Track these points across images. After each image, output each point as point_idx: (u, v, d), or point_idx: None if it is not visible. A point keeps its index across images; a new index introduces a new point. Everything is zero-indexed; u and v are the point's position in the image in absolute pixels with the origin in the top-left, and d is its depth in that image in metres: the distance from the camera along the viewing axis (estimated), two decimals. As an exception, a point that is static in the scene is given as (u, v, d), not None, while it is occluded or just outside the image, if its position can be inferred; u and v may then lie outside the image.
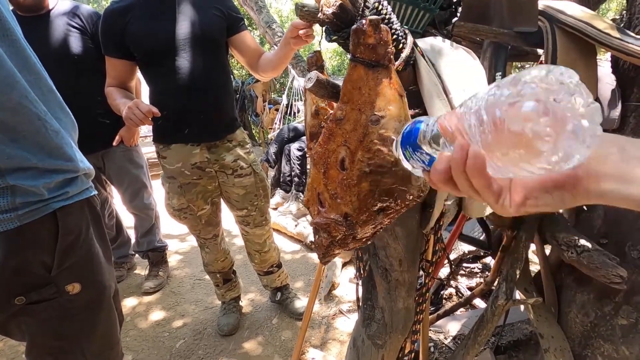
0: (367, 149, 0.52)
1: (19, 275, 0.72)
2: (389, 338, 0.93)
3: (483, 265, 2.11)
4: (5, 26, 0.68)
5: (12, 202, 0.69)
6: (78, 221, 0.79)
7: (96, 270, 0.83)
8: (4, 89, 0.66)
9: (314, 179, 0.59)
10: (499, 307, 1.14)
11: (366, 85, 0.50)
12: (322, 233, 0.59)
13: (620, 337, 1.00)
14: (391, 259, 0.83)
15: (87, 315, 0.83)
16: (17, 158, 0.68)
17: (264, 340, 1.83)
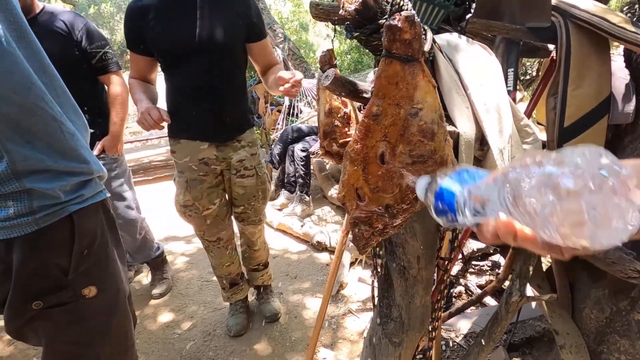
0: (408, 142, 0.53)
1: (36, 280, 0.71)
2: (406, 336, 0.93)
3: (492, 263, 2.11)
4: (22, 28, 0.68)
5: (30, 205, 0.68)
6: (93, 224, 0.79)
7: (111, 273, 0.83)
8: (20, 90, 0.65)
9: (350, 176, 0.59)
10: (512, 304, 1.14)
11: (403, 80, 0.50)
12: (362, 226, 0.60)
13: (636, 332, 1.00)
14: (409, 256, 0.82)
15: (103, 319, 0.82)
16: (33, 160, 0.68)
17: (274, 341, 1.83)
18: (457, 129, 0.67)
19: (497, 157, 0.72)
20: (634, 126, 1.00)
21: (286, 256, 2.71)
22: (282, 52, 5.47)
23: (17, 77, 0.65)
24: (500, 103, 0.77)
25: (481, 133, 0.73)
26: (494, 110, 0.74)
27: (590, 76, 0.93)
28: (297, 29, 12.48)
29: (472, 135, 0.68)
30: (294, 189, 3.52)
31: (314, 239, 2.77)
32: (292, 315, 2.02)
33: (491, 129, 0.72)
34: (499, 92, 0.77)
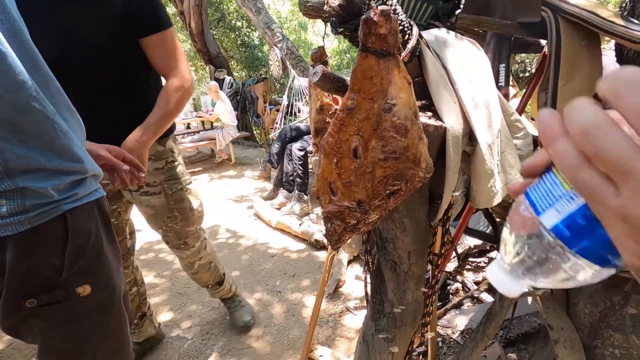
0: (381, 137, 0.53)
1: (30, 278, 0.71)
2: (399, 331, 0.93)
3: (489, 260, 2.11)
4: (15, 27, 0.67)
5: (23, 204, 0.68)
6: (88, 223, 0.78)
7: (106, 272, 0.83)
8: (12, 88, 0.65)
9: (324, 169, 0.59)
10: (506, 299, 1.14)
11: (378, 75, 0.50)
12: (335, 221, 0.60)
13: (630, 326, 1.00)
14: (400, 252, 0.83)
15: (98, 318, 0.82)
16: (25, 158, 0.68)
17: (272, 339, 1.83)
18: (445, 123, 0.67)
19: (485, 151, 0.73)
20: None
21: (285, 255, 2.72)
22: (281, 52, 5.47)
23: (8, 75, 0.64)
24: (489, 98, 0.77)
25: (469, 128, 0.73)
26: (483, 105, 0.75)
27: (581, 71, 0.93)
28: (296, 28, 12.48)
29: (460, 130, 0.68)
30: (292, 188, 3.53)
31: (312, 238, 2.77)
32: (290, 313, 2.03)
33: (479, 123, 0.73)
34: (487, 88, 0.77)
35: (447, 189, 0.72)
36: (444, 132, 0.67)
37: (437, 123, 0.67)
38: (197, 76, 12.04)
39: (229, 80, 7.14)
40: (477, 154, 0.73)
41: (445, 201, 0.75)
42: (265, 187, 4.22)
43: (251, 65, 10.09)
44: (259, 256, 2.73)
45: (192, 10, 7.13)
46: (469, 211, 1.24)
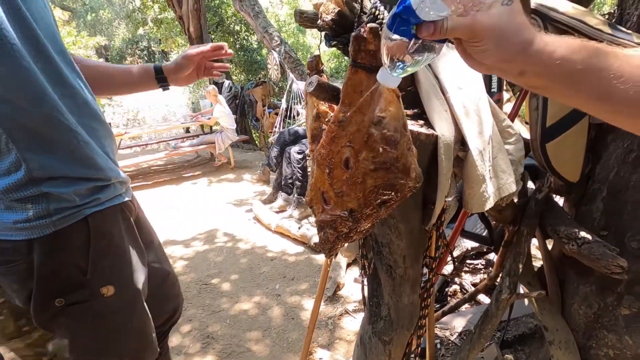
0: (371, 148, 0.55)
1: (56, 278, 0.75)
2: (395, 334, 0.95)
3: (486, 262, 2.12)
4: (40, 46, 0.71)
5: (47, 208, 0.72)
6: (110, 226, 0.82)
7: (129, 274, 0.86)
8: (35, 101, 0.69)
9: (317, 179, 0.61)
10: (502, 301, 1.16)
11: (367, 89, 0.52)
12: (327, 229, 0.62)
13: (623, 327, 1.01)
14: (395, 256, 0.84)
15: (122, 317, 0.86)
16: (49, 168, 0.72)
17: (271, 342, 1.85)
18: (436, 131, 0.69)
19: (476, 158, 0.75)
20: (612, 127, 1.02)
21: (284, 258, 2.73)
22: (279, 56, 5.50)
23: (31, 89, 0.68)
24: (480, 105, 0.79)
25: (461, 135, 0.75)
26: (474, 112, 0.77)
27: (571, 77, 0.95)
28: (294, 31, 12.53)
29: (451, 138, 0.70)
30: (291, 191, 3.54)
31: (311, 241, 2.79)
32: (290, 316, 2.04)
33: (470, 130, 0.75)
34: (478, 95, 0.79)
35: (439, 194, 0.74)
36: (435, 139, 0.69)
37: (429, 131, 0.69)
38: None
39: (228, 84, 7.17)
40: (469, 160, 0.75)
41: (439, 206, 0.77)
42: (264, 191, 4.24)
43: (250, 69, 10.13)
44: (258, 259, 2.74)
45: (191, 15, 7.17)
46: (464, 215, 1.26)
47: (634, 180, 0.98)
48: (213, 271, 2.60)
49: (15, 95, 0.67)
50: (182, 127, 7.14)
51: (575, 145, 1.04)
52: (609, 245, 0.98)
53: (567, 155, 1.05)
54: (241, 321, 2.03)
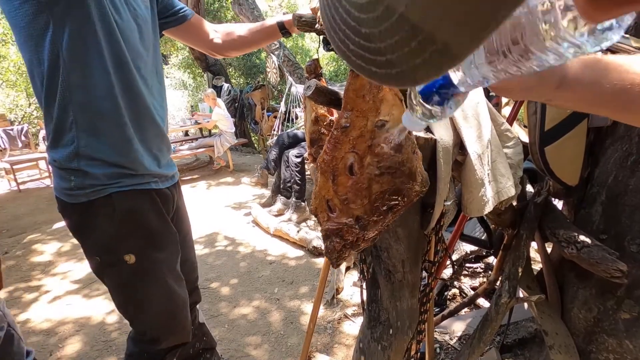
0: (375, 153, 0.54)
1: (91, 238, 0.97)
2: (395, 339, 0.94)
3: (485, 265, 2.12)
4: (122, 59, 0.92)
5: (83, 183, 0.92)
6: (132, 205, 0.98)
7: (150, 247, 1.02)
8: (102, 98, 0.91)
9: (321, 187, 0.60)
10: (502, 305, 1.15)
11: (370, 93, 0.52)
12: (334, 238, 0.61)
13: (623, 331, 1.01)
14: (394, 260, 0.84)
15: (143, 287, 1.03)
16: (92, 149, 0.92)
17: (270, 347, 1.83)
18: (435, 135, 0.69)
19: (475, 161, 0.75)
20: (614, 128, 1.03)
21: (283, 262, 2.72)
22: (278, 59, 5.51)
23: (103, 89, 0.90)
24: (479, 109, 0.79)
25: (460, 139, 0.75)
26: (472, 116, 0.76)
27: (569, 81, 0.96)
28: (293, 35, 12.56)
29: (450, 142, 0.70)
30: (290, 195, 3.54)
31: (310, 244, 2.78)
32: (289, 321, 2.03)
33: (469, 135, 0.75)
34: (477, 99, 0.79)
35: (438, 198, 0.73)
36: (434, 143, 0.69)
37: (428, 135, 0.69)
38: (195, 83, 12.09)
39: (227, 87, 7.17)
40: (468, 164, 0.75)
41: (437, 210, 0.77)
42: (263, 194, 4.23)
43: (249, 72, 10.14)
44: (257, 263, 2.73)
45: (190, 19, 7.17)
46: (463, 218, 1.25)
47: (632, 184, 0.98)
48: (212, 275, 2.58)
49: (92, 92, 0.89)
50: (180, 131, 7.13)
51: (574, 148, 1.04)
52: (608, 249, 0.97)
53: (566, 159, 1.05)
54: (240, 326, 2.02)
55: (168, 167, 1.13)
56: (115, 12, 0.90)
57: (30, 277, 2.71)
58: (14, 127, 6.78)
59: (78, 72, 0.87)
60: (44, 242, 3.34)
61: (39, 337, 2.01)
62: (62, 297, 2.42)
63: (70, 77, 0.87)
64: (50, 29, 0.83)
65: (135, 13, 0.97)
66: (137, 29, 0.97)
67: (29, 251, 3.16)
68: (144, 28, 1.00)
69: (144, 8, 1.01)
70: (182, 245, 1.24)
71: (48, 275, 2.74)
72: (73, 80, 0.87)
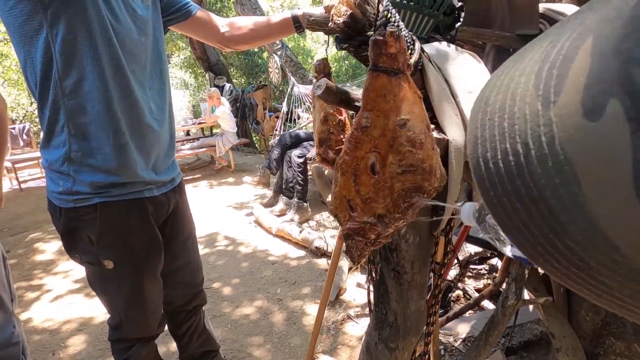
0: (397, 152, 0.54)
1: (75, 239, 0.99)
2: (402, 341, 0.94)
3: (490, 267, 2.11)
4: (119, 64, 0.90)
5: (71, 188, 0.92)
6: (116, 217, 0.98)
7: (130, 258, 1.03)
8: (96, 103, 0.89)
9: (342, 187, 0.60)
10: (509, 307, 1.15)
11: (390, 93, 0.52)
12: (356, 237, 0.61)
13: (632, 334, 1.00)
14: (403, 261, 0.83)
15: (119, 287, 1.05)
16: (83, 154, 0.91)
17: (272, 347, 1.83)
18: (447, 136, 0.69)
19: (487, 163, 0.74)
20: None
21: (285, 262, 2.72)
22: (280, 59, 5.51)
23: (99, 94, 0.88)
24: (490, 110, 0.78)
25: (471, 139, 0.74)
26: (484, 117, 0.76)
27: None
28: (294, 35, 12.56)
29: (462, 142, 0.70)
30: (292, 195, 3.53)
31: (312, 245, 2.77)
32: (291, 321, 2.02)
33: (481, 135, 0.74)
34: (488, 99, 0.79)
35: (449, 199, 0.73)
36: (446, 144, 0.68)
37: (440, 135, 0.68)
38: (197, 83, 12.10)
39: (229, 87, 7.17)
40: (479, 165, 0.74)
41: (448, 212, 0.76)
42: (265, 194, 4.23)
43: (250, 72, 10.14)
44: (259, 263, 2.72)
45: (192, 18, 7.17)
46: (470, 219, 1.25)
47: (642, 186, 0.97)
48: (214, 275, 2.58)
49: (85, 97, 0.87)
50: (182, 130, 7.13)
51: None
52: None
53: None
54: (242, 326, 2.01)
55: (168, 172, 1.11)
56: (112, 15, 0.88)
57: (32, 276, 2.70)
58: (16, 126, 6.78)
59: (71, 76, 0.86)
60: (46, 241, 3.34)
61: (41, 336, 2.01)
62: (64, 296, 2.42)
63: (63, 80, 0.85)
64: (44, 31, 0.81)
65: (135, 14, 0.94)
66: (136, 30, 0.95)
67: (30, 250, 3.16)
68: (144, 29, 0.97)
69: (143, 8, 0.99)
70: (183, 248, 1.25)
71: (50, 274, 2.73)
72: (66, 84, 0.86)
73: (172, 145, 1.11)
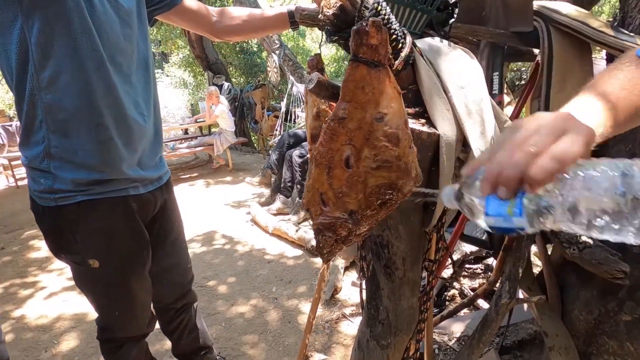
0: (373, 146, 0.53)
1: (58, 238, 0.97)
2: (394, 338, 0.93)
3: (485, 266, 2.11)
4: (100, 58, 0.86)
5: (52, 186, 0.89)
6: (100, 215, 0.95)
7: (115, 256, 1.01)
8: (77, 98, 0.85)
9: (315, 180, 0.59)
10: (502, 306, 1.14)
11: (369, 85, 0.51)
12: (326, 232, 0.60)
13: (624, 333, 1.00)
14: (394, 258, 0.83)
15: (105, 287, 1.04)
16: (63, 150, 0.87)
17: (267, 346, 1.82)
18: (438, 130, 0.68)
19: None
20: (617, 128, 1.02)
21: (281, 261, 2.71)
22: (278, 59, 5.50)
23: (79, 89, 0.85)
24: (483, 106, 0.78)
25: (463, 135, 0.74)
26: (476, 112, 0.75)
27: (573, 79, 0.95)
28: (294, 35, 12.56)
29: (453, 137, 0.69)
30: (289, 194, 3.53)
31: (309, 244, 2.77)
32: (286, 320, 2.02)
33: (472, 131, 0.73)
34: (480, 95, 0.78)
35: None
36: (437, 139, 0.68)
37: (431, 130, 0.68)
38: (196, 82, 12.08)
39: (227, 86, 7.16)
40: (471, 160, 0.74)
41: (440, 207, 0.76)
42: (262, 193, 4.22)
43: (249, 72, 10.14)
44: (255, 262, 2.72)
45: (191, 17, 7.16)
46: (464, 217, 1.24)
47: (636, 185, 0.97)
48: (209, 273, 2.57)
49: (64, 91, 0.84)
50: (180, 129, 7.12)
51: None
52: (610, 249, 0.96)
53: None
54: (237, 324, 2.00)
55: (155, 169, 1.09)
56: (91, 6, 0.84)
57: (26, 273, 2.69)
58: (13, 123, 6.75)
59: (49, 69, 0.82)
60: (41, 238, 3.31)
61: (33, 333, 2.00)
62: (58, 293, 2.41)
63: (40, 74, 0.82)
64: (19, 22, 0.78)
65: (117, 5, 0.91)
66: (119, 22, 0.91)
67: (25, 247, 3.14)
68: (127, 20, 0.94)
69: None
70: (173, 247, 1.23)
71: (44, 271, 2.72)
72: (43, 78, 0.82)
73: (157, 141, 1.08)
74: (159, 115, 1.10)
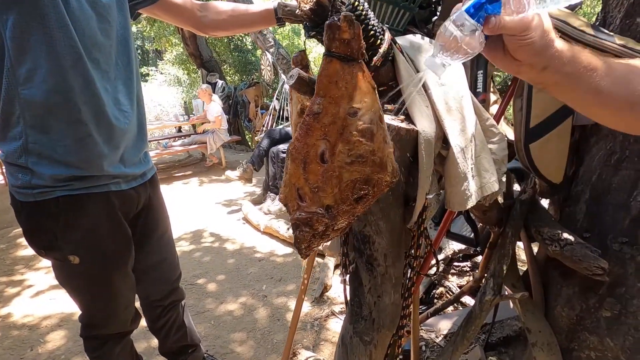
0: (347, 141, 0.53)
1: (38, 235, 0.96)
2: (377, 334, 0.94)
3: (473, 264, 2.13)
4: (78, 54, 0.85)
5: (30, 182, 0.89)
6: (80, 211, 0.95)
7: (96, 252, 1.00)
8: (54, 93, 0.84)
9: (292, 175, 0.59)
10: (486, 302, 1.15)
11: (342, 79, 0.51)
12: (303, 227, 0.60)
13: (605, 329, 1.01)
14: (376, 254, 0.83)
15: (86, 283, 1.04)
16: (41, 145, 0.87)
17: (255, 344, 1.82)
18: (417, 127, 0.69)
19: (458, 155, 0.74)
20: (598, 127, 1.03)
21: (272, 259, 2.71)
22: (272, 57, 5.49)
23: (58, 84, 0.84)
24: (463, 103, 0.78)
25: (443, 132, 0.74)
26: (456, 110, 0.76)
27: (555, 78, 0.96)
28: (289, 33, 12.53)
29: (432, 134, 0.70)
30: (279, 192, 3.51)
31: (300, 242, 2.77)
32: (275, 317, 2.02)
33: (452, 127, 0.74)
34: (461, 93, 0.79)
35: (420, 191, 0.73)
36: (416, 135, 0.68)
37: (409, 126, 0.68)
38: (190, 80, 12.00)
39: (221, 84, 7.13)
40: (450, 158, 0.74)
41: (419, 203, 0.76)
42: (254, 191, 4.21)
43: (243, 70, 10.10)
44: (245, 260, 2.71)
45: (185, 14, 7.10)
46: (449, 215, 1.25)
47: (615, 183, 0.98)
48: (199, 271, 2.56)
49: (41, 86, 0.83)
50: (174, 127, 7.08)
51: (558, 146, 1.05)
52: (590, 246, 0.98)
53: (550, 157, 1.05)
54: (226, 322, 2.00)
55: (139, 165, 1.08)
56: (65, 2, 0.83)
57: (13, 272, 2.66)
58: (3, 120, 6.65)
59: (25, 65, 0.81)
60: (30, 236, 3.28)
61: (20, 332, 1.97)
62: (46, 291, 2.38)
63: (16, 69, 0.81)
64: None
65: (94, 0, 0.89)
66: (96, 17, 0.90)
67: (13, 245, 3.11)
68: (106, 15, 0.92)
69: None
70: (159, 244, 1.22)
71: (32, 269, 2.69)
72: (20, 73, 0.82)
73: (141, 138, 1.07)
74: (142, 111, 1.08)
